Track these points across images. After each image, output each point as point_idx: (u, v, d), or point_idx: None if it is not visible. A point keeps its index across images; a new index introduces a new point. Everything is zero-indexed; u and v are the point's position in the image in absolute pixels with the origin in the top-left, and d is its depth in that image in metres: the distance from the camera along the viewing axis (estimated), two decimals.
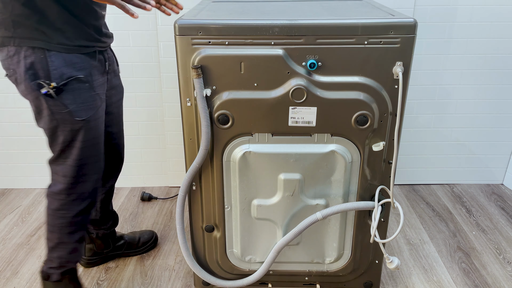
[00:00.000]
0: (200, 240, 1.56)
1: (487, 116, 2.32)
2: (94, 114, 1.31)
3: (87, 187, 1.38)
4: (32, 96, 1.23)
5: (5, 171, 2.44)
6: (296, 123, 1.33)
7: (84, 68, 1.26)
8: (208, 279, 1.56)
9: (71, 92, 1.24)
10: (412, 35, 1.23)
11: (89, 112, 1.29)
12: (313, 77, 1.28)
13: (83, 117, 1.28)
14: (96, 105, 1.31)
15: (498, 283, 1.72)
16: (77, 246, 1.45)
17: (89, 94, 1.28)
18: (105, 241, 1.79)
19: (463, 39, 2.16)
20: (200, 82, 1.27)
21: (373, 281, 1.63)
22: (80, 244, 1.47)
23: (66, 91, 1.22)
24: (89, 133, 1.32)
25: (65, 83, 1.21)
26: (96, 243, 1.78)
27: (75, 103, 1.25)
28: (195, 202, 1.49)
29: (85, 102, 1.28)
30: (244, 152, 1.37)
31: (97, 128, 1.34)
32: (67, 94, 1.23)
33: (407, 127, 2.35)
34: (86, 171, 1.36)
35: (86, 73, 1.26)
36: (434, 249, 1.92)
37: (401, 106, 1.30)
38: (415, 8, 2.11)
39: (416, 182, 2.48)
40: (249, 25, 1.23)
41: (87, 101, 1.28)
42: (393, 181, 1.37)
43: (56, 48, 1.19)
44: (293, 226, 1.48)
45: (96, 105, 1.31)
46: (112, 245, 1.82)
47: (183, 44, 1.26)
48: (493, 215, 2.18)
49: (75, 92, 1.25)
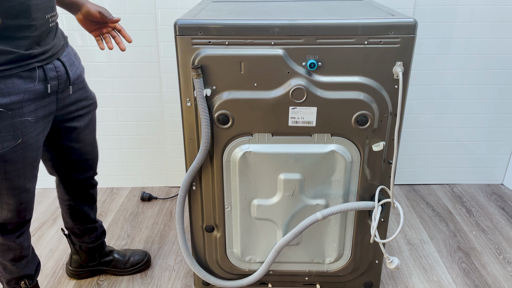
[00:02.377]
0: (200, 240, 1.56)
1: (487, 116, 2.32)
2: (15, 146, 1.16)
3: (8, 216, 1.30)
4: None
5: None
6: (296, 123, 1.33)
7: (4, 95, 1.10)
8: (208, 279, 1.56)
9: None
10: (412, 35, 1.23)
11: (10, 142, 1.15)
12: (313, 77, 1.28)
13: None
14: (16, 136, 1.15)
15: (498, 283, 1.72)
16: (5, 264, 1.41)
17: (5, 123, 1.12)
18: (90, 254, 1.70)
19: (463, 39, 2.16)
20: (200, 82, 1.27)
21: (373, 281, 1.63)
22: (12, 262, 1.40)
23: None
24: (4, 166, 1.18)
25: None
26: (81, 255, 1.71)
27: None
28: (195, 202, 1.49)
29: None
30: (244, 152, 1.37)
31: (17, 162, 1.19)
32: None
33: (407, 127, 2.35)
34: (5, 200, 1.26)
35: (6, 100, 1.10)
36: (434, 249, 1.92)
37: (401, 106, 1.30)
38: (415, 8, 2.11)
39: (416, 182, 2.48)
40: (249, 25, 1.23)
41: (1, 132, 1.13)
42: (393, 181, 1.37)
43: None
44: (293, 226, 1.48)
45: (16, 136, 1.15)
46: (98, 260, 1.73)
47: (183, 44, 1.26)
48: (493, 215, 2.18)
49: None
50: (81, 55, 2.18)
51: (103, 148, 2.39)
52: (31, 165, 1.24)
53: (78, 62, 1.36)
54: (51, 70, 1.20)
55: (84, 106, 1.39)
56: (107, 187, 2.47)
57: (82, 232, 1.65)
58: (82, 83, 1.37)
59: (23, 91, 1.12)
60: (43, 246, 1.96)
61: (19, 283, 1.47)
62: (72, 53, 1.34)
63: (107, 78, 2.23)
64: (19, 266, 1.43)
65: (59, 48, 1.24)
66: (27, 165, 1.23)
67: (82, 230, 1.65)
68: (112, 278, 1.75)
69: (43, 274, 1.78)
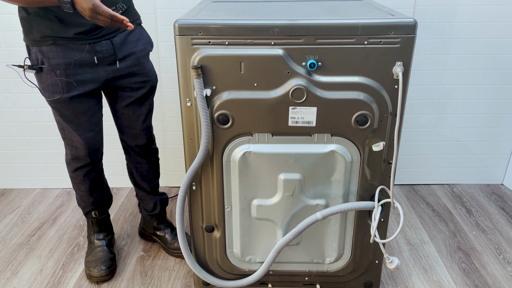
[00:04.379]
0: (200, 240, 1.56)
1: (487, 116, 2.32)
2: (62, 98, 1.52)
3: (73, 152, 1.65)
4: None
5: (5, 171, 2.44)
6: (296, 123, 1.33)
7: (52, 58, 1.46)
8: (208, 279, 1.56)
9: (38, 74, 1.51)
10: (412, 35, 1.23)
11: (55, 94, 1.51)
12: (313, 77, 1.28)
13: (49, 98, 1.52)
14: (59, 90, 1.50)
15: (498, 283, 1.72)
16: (82, 195, 1.76)
17: (51, 80, 1.49)
18: (146, 222, 1.97)
19: (463, 39, 2.16)
20: (200, 82, 1.27)
21: (373, 281, 1.63)
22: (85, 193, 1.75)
23: (37, 73, 1.50)
24: (59, 110, 1.55)
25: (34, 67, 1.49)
26: (143, 220, 1.99)
27: (41, 84, 1.52)
28: (195, 202, 1.49)
29: (47, 86, 1.51)
30: (244, 152, 1.37)
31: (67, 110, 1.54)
32: (37, 76, 1.52)
33: (407, 127, 2.35)
34: (69, 137, 1.62)
35: (53, 62, 1.46)
36: (434, 249, 1.92)
37: (401, 106, 1.30)
38: (415, 8, 2.11)
39: (416, 182, 2.49)
40: (249, 25, 1.23)
41: (49, 86, 1.50)
42: (393, 181, 1.37)
43: (33, 44, 1.47)
44: (293, 226, 1.48)
45: (59, 90, 1.50)
46: (152, 230, 1.95)
47: (183, 44, 1.26)
48: (493, 215, 2.18)
49: (41, 76, 1.50)
50: None
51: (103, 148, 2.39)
52: (83, 116, 1.57)
53: (141, 42, 1.61)
54: (98, 45, 1.49)
55: (138, 81, 1.62)
56: None
57: (139, 199, 1.92)
58: (137, 60, 1.59)
59: (71, 58, 1.46)
60: (43, 246, 1.96)
61: (91, 213, 1.82)
62: (136, 34, 1.59)
63: None
64: (89, 199, 1.77)
65: (114, 31, 1.52)
66: (78, 115, 1.56)
67: (139, 196, 1.91)
68: (112, 278, 1.75)
69: (43, 274, 1.78)
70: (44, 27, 1.42)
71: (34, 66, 1.48)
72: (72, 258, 1.88)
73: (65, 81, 1.49)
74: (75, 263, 1.85)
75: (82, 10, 1.24)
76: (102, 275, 1.72)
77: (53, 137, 2.36)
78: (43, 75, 1.49)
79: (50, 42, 1.44)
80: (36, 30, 1.44)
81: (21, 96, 2.27)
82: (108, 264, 1.75)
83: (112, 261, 1.78)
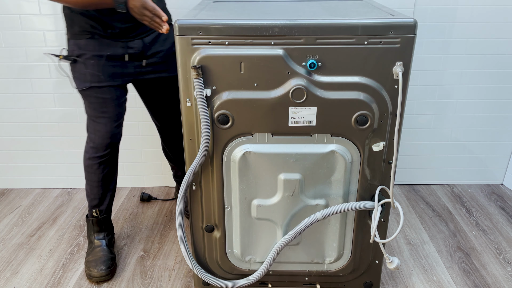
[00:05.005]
0: (200, 240, 1.56)
1: (487, 116, 2.32)
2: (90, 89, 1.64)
3: (95, 141, 1.72)
4: None
5: (5, 171, 2.44)
6: (296, 123, 1.33)
7: (87, 51, 1.60)
8: (208, 279, 1.56)
9: (72, 65, 1.64)
10: (412, 35, 1.23)
11: (84, 84, 1.63)
12: (313, 77, 1.28)
13: (78, 87, 1.65)
14: (88, 80, 1.62)
15: (498, 283, 1.72)
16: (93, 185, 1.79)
17: (83, 71, 1.61)
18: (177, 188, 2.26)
19: (463, 39, 2.16)
20: (200, 82, 1.27)
21: (373, 281, 1.63)
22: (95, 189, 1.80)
23: (71, 63, 1.64)
24: (87, 99, 1.67)
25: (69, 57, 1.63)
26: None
27: (73, 74, 1.65)
28: (195, 202, 1.49)
29: (79, 75, 1.64)
30: (244, 152, 1.37)
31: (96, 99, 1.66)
32: (70, 66, 1.66)
33: (407, 127, 2.35)
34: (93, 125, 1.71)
35: (87, 55, 1.59)
36: (434, 249, 1.93)
37: (401, 106, 1.30)
38: (415, 8, 2.11)
39: (416, 182, 2.49)
40: (249, 25, 1.23)
41: (81, 75, 1.63)
42: (393, 181, 1.37)
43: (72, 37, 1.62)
44: (293, 226, 1.48)
45: (88, 80, 1.62)
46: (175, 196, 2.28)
47: (183, 44, 1.26)
48: (493, 215, 2.18)
49: (74, 66, 1.64)
50: None
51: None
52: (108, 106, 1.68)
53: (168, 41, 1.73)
54: (130, 44, 1.64)
55: (164, 76, 1.77)
56: None
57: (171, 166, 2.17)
58: (164, 58, 1.72)
59: (104, 53, 1.60)
60: (43, 246, 1.96)
61: (92, 211, 1.85)
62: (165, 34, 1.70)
63: None
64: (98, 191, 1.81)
65: (146, 30, 1.66)
66: (103, 105, 1.67)
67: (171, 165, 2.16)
68: (112, 278, 1.75)
69: (43, 274, 1.78)
70: (84, 23, 1.57)
71: (69, 57, 1.62)
72: (72, 258, 1.88)
73: (96, 73, 1.61)
74: (75, 263, 1.85)
75: (133, 7, 1.40)
76: (102, 275, 1.73)
77: (53, 137, 2.36)
78: (76, 66, 1.63)
79: (87, 36, 1.59)
80: (76, 25, 1.58)
81: (21, 96, 2.27)
82: (108, 264, 1.75)
83: (112, 261, 1.78)
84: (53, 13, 2.11)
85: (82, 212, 2.22)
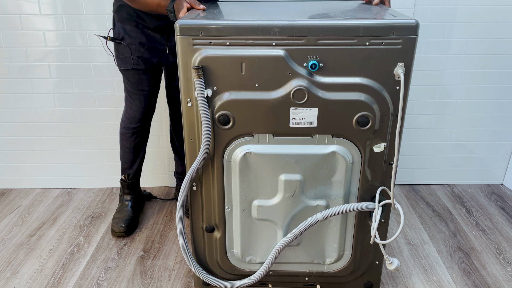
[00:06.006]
0: (200, 240, 1.56)
1: (487, 116, 2.33)
2: (129, 69, 1.85)
3: (130, 113, 1.96)
4: None
5: (5, 171, 2.44)
6: (297, 124, 1.33)
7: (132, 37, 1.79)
8: (208, 279, 1.56)
9: (116, 45, 1.83)
10: (414, 36, 1.23)
11: (125, 65, 1.84)
12: (314, 78, 1.28)
13: (120, 66, 1.86)
14: (130, 63, 1.83)
15: (498, 283, 1.72)
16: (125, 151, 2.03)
17: (127, 54, 1.81)
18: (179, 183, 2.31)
19: (463, 39, 2.16)
20: (201, 83, 1.27)
21: (373, 281, 1.63)
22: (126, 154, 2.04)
23: (116, 44, 1.83)
24: (126, 77, 1.89)
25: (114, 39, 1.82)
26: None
27: (117, 54, 1.85)
28: (195, 202, 1.49)
29: (123, 57, 1.83)
30: (245, 152, 1.37)
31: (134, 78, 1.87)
32: (115, 46, 1.85)
33: (407, 127, 2.35)
34: (129, 100, 1.94)
35: (130, 40, 1.79)
36: (434, 249, 1.93)
37: (403, 107, 1.30)
38: (415, 8, 2.11)
39: (416, 182, 2.49)
40: (250, 25, 1.23)
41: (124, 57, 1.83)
42: (393, 182, 1.37)
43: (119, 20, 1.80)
44: (293, 227, 1.48)
45: (130, 63, 1.83)
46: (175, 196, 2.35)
47: (184, 44, 1.26)
48: (493, 215, 2.18)
49: (118, 47, 1.83)
50: (81, 55, 2.18)
51: (103, 148, 2.39)
52: (144, 85, 1.89)
53: None
54: (170, 38, 1.82)
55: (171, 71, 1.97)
56: (107, 187, 2.47)
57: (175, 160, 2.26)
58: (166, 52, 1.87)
59: (145, 42, 1.80)
60: (43, 246, 1.95)
61: (122, 175, 2.10)
62: None
63: (107, 78, 2.23)
64: (129, 156, 2.05)
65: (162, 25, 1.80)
66: (140, 84, 1.89)
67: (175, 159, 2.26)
68: (112, 278, 1.75)
69: (43, 274, 1.78)
70: (132, 11, 1.75)
71: (115, 39, 1.81)
72: (72, 258, 1.88)
73: (136, 58, 1.81)
74: (75, 263, 1.85)
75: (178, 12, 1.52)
76: (120, 231, 1.99)
77: (53, 137, 2.36)
78: (120, 48, 1.82)
79: (133, 24, 1.77)
80: (125, 11, 1.76)
81: (21, 96, 2.27)
82: (128, 223, 2.02)
83: (131, 220, 2.04)
84: (53, 13, 2.10)
85: (82, 212, 2.22)
